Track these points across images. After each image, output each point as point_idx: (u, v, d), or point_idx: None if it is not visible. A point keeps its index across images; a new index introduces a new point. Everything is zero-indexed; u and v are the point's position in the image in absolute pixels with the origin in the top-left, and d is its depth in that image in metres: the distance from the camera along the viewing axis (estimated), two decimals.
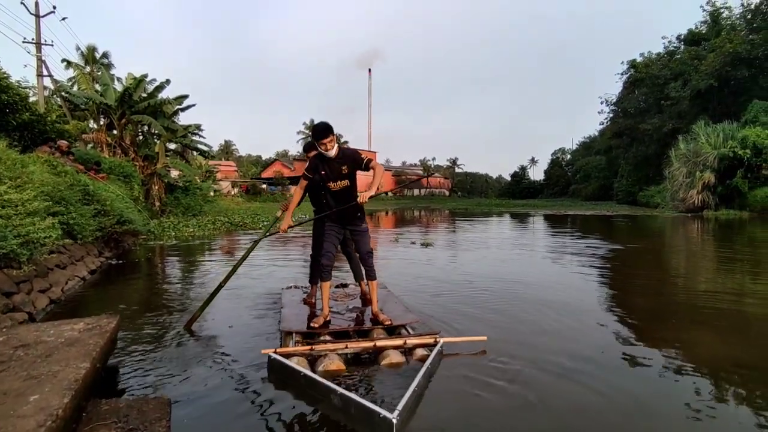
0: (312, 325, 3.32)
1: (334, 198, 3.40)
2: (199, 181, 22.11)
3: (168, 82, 18.85)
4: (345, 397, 2.22)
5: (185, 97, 19.72)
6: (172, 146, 21.45)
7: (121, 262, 7.48)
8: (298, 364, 2.66)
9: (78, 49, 26.76)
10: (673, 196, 23.48)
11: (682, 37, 35.33)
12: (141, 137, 18.50)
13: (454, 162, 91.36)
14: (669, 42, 36.65)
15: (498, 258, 8.15)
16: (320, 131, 3.20)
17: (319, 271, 3.52)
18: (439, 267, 7.06)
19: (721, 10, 32.92)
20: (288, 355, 2.78)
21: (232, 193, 43.49)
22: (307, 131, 56.24)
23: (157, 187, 16.59)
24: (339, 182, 3.35)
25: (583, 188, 53.90)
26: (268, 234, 4.59)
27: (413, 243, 10.26)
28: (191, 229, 13.19)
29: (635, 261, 8.29)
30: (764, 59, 27.20)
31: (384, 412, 2.03)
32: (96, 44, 29.42)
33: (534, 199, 57.81)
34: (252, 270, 6.46)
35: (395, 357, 2.90)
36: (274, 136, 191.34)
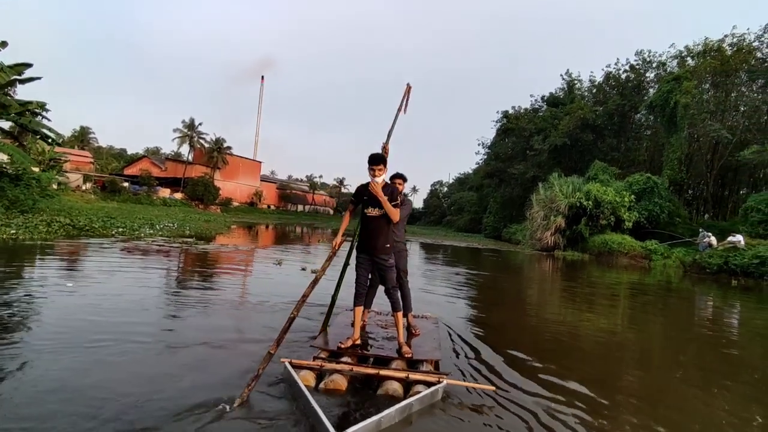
0: (339, 345, 3.51)
1: (368, 223, 3.61)
2: (37, 170, 18.03)
3: (4, 44, 15.23)
4: (316, 414, 2.39)
5: (27, 66, 16.02)
6: (2, 124, 17.28)
7: None
8: (302, 377, 2.91)
9: None
10: (531, 235, 26.40)
11: (545, 98, 41.05)
12: None
13: (341, 182, 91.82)
14: (535, 100, 42.37)
15: None
16: (374, 159, 3.51)
17: (354, 296, 3.70)
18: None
19: (575, 82, 39.16)
20: (300, 367, 3.03)
21: (84, 188, 37.05)
22: (186, 130, 51.09)
23: None
24: (375, 210, 3.56)
25: (456, 219, 58.38)
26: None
27: (303, 269, 9.36)
28: (12, 230, 10.46)
29: (500, 288, 8.85)
30: (604, 127, 32.88)
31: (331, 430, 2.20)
32: None
33: (414, 225, 60.75)
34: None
35: (393, 389, 2.96)
36: (145, 130, 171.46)
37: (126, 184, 43.07)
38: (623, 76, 34.21)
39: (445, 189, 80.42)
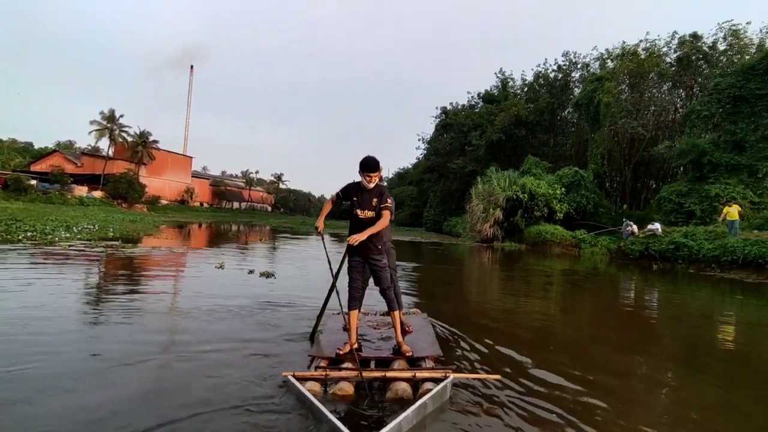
0: (337, 351, 3.43)
1: (359, 225, 3.52)
2: None
3: None
4: (333, 424, 2.33)
5: None
6: None
7: None
8: (309, 388, 2.81)
9: None
10: (472, 227, 27.20)
11: (481, 95, 42.47)
12: None
13: (278, 177, 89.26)
14: (472, 97, 43.69)
15: None
16: (371, 165, 3.42)
17: (347, 300, 3.63)
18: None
19: (508, 80, 40.91)
20: (304, 379, 2.94)
21: None
22: (105, 122, 46.68)
23: None
24: (367, 212, 3.52)
25: (397, 214, 58.36)
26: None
27: (251, 272, 8.58)
28: None
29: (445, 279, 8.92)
30: (536, 124, 34.66)
31: None
32: None
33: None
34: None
35: (402, 389, 2.92)
36: (55, 121, 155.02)
37: (34, 182, 38.66)
38: (552, 75, 36.29)
39: (385, 184, 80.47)
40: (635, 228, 18.57)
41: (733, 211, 15.29)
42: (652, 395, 3.44)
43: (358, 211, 3.54)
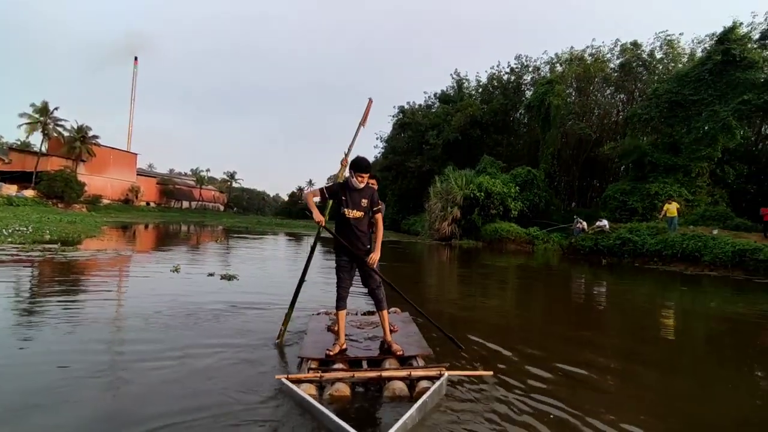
0: (327, 353, 3.39)
1: (346, 225, 3.51)
2: None
3: None
4: (338, 426, 2.32)
5: None
6: None
7: None
8: (305, 391, 2.78)
9: None
10: (430, 225, 27.53)
11: (437, 95, 43.13)
12: None
13: (231, 176, 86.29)
14: (429, 97, 44.23)
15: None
16: (363, 166, 3.45)
17: (336, 300, 3.58)
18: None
19: (464, 81, 41.80)
20: (299, 381, 2.90)
21: None
22: (37, 116, 42.99)
23: None
24: (355, 212, 3.51)
25: None
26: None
27: (211, 275, 8.08)
28: None
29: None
30: (490, 125, 35.62)
31: None
32: None
33: (311, 220, 59.51)
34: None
35: (399, 388, 2.95)
36: None
37: None
38: (505, 77, 37.47)
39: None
40: (585, 225, 19.53)
41: (672, 208, 16.44)
42: (612, 383, 3.61)
43: (347, 211, 3.51)
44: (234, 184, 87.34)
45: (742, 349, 5.12)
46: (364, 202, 3.54)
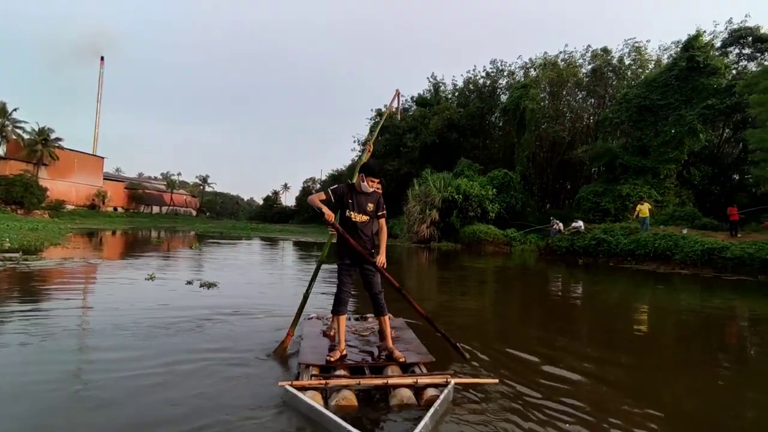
0: (328, 359, 3.30)
1: (351, 229, 3.46)
2: None
3: None
4: None
5: None
6: None
7: None
8: (311, 398, 2.70)
9: None
10: (409, 228, 27.53)
11: (415, 98, 43.33)
12: None
13: (204, 180, 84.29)
14: (406, 100, 44.35)
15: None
16: (376, 171, 3.45)
17: (336, 305, 3.51)
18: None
19: (440, 84, 42.17)
20: (303, 389, 2.81)
21: None
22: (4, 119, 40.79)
23: None
24: (361, 216, 3.46)
25: None
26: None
27: (190, 283, 7.68)
28: None
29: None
30: (467, 128, 36.03)
31: None
32: None
33: (287, 224, 58.75)
34: None
35: (407, 396, 2.88)
36: None
37: None
38: (480, 81, 37.99)
39: (318, 186, 79.67)
40: (561, 226, 19.90)
41: (644, 209, 16.94)
42: (624, 381, 3.56)
43: (352, 214, 3.45)
44: (207, 188, 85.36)
45: (709, 343, 5.22)
46: (370, 206, 3.50)
